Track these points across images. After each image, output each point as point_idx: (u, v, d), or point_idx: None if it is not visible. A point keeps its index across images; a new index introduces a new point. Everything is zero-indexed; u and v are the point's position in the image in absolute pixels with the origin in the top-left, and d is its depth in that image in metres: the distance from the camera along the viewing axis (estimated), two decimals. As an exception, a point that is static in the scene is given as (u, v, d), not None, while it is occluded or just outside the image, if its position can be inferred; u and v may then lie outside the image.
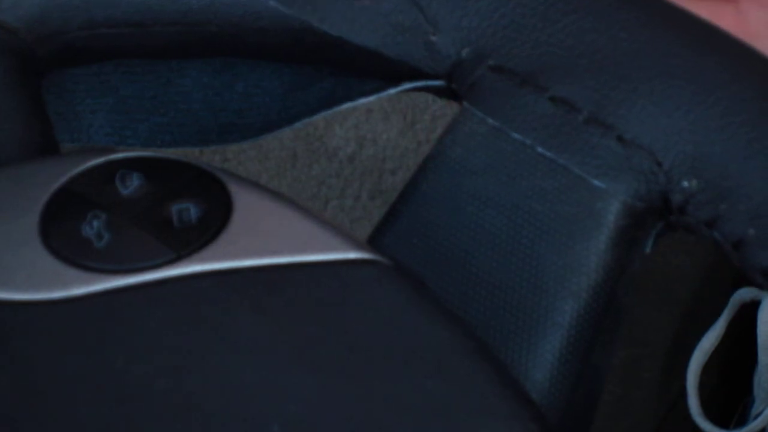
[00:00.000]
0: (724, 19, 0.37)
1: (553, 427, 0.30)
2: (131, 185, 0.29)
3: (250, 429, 0.25)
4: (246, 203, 0.29)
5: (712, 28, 0.32)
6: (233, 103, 0.39)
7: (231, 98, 0.39)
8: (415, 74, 0.33)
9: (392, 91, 0.34)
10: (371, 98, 0.35)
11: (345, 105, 0.36)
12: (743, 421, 0.77)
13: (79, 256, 0.28)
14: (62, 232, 0.28)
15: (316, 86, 0.38)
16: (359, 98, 0.36)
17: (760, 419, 0.74)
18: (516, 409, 0.26)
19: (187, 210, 0.29)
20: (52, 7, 0.35)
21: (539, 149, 0.31)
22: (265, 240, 0.28)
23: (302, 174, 0.99)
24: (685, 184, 0.30)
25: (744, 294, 0.78)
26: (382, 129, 1.00)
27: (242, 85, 0.39)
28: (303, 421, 0.25)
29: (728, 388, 0.80)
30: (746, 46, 0.31)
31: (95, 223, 0.29)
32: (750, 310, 0.77)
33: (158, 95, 0.39)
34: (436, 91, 0.34)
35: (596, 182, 0.30)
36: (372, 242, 0.32)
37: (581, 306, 0.30)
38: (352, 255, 0.28)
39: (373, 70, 0.34)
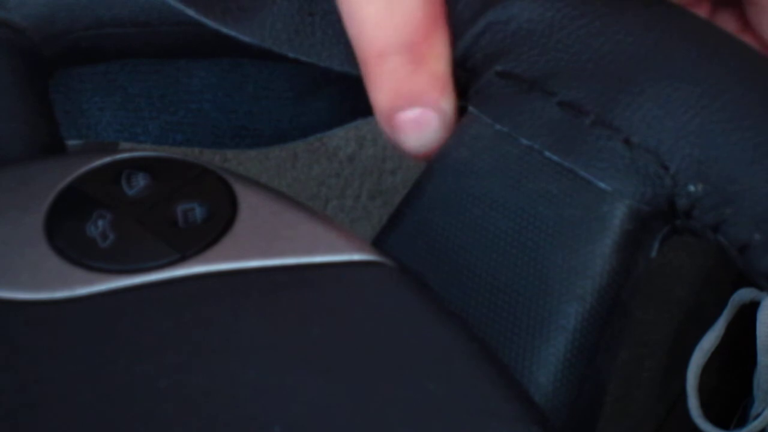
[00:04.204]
0: None
1: (557, 429, 0.30)
2: (137, 185, 0.29)
3: (251, 430, 0.25)
4: (251, 204, 0.29)
5: (719, 31, 0.31)
6: (244, 105, 0.39)
7: (241, 100, 0.39)
8: None
9: None
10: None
11: (355, 122, 0.36)
12: (743, 421, 0.77)
13: (84, 256, 0.28)
14: (67, 232, 0.28)
15: (325, 91, 0.38)
16: (367, 115, 0.36)
17: (759, 420, 0.74)
18: (519, 411, 0.26)
19: (192, 210, 0.29)
20: (59, 7, 0.35)
21: (546, 153, 0.31)
22: (270, 241, 0.28)
23: (302, 174, 0.99)
24: (691, 188, 0.30)
25: (743, 295, 0.78)
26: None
27: (252, 87, 0.39)
28: (305, 422, 0.25)
29: (728, 389, 0.80)
30: (753, 50, 0.31)
31: (100, 223, 0.28)
32: (750, 310, 0.77)
33: (167, 94, 0.39)
34: None
35: (602, 185, 0.30)
36: (376, 244, 0.32)
37: (586, 309, 0.30)
38: (357, 257, 0.28)
39: None
